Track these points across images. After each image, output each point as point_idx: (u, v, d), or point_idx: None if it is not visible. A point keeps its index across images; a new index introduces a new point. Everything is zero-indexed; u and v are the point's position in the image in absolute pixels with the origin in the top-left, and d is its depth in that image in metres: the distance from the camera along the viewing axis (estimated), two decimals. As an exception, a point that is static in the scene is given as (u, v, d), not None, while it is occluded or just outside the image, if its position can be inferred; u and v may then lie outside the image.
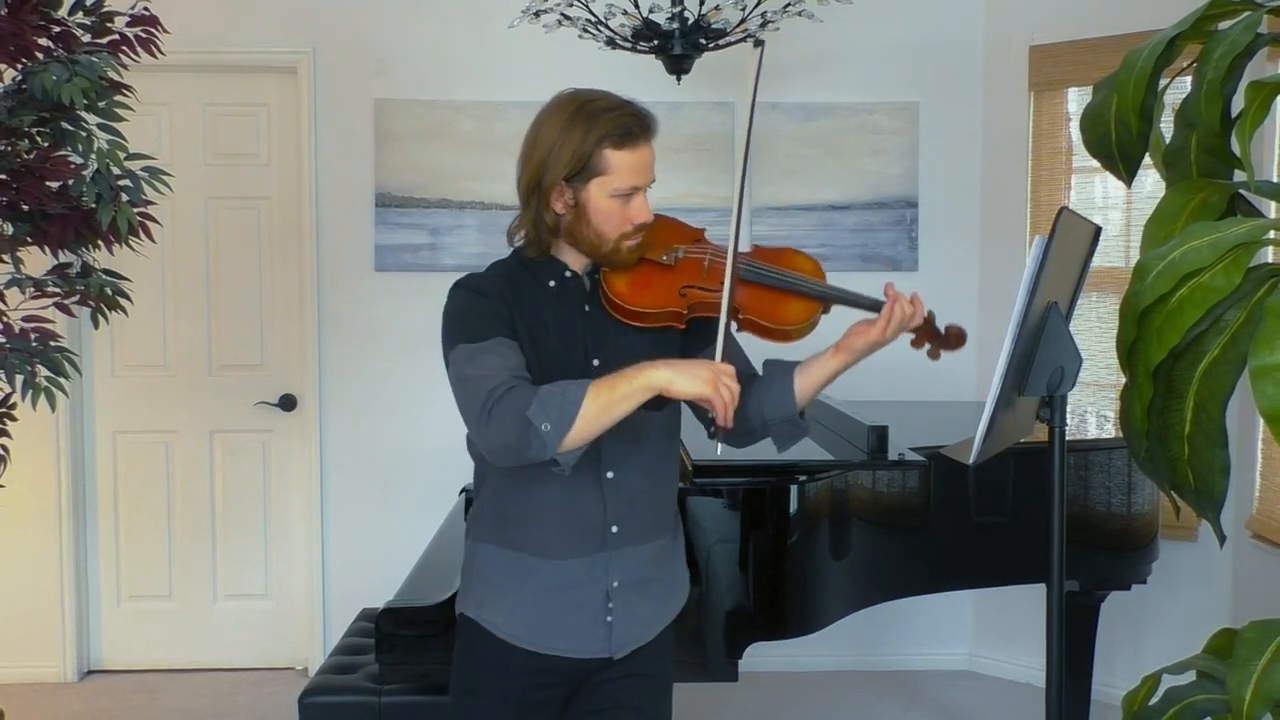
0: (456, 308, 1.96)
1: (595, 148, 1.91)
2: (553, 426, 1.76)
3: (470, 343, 1.89)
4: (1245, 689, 1.85)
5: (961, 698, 4.30)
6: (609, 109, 1.93)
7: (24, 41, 2.95)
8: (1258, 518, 3.71)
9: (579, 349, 1.98)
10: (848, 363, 2.03)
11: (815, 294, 2.02)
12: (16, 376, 2.97)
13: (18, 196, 3.00)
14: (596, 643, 2.02)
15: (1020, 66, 4.36)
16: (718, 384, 1.78)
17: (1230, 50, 2.02)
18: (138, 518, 4.52)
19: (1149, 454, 2.06)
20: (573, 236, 1.96)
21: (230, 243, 4.51)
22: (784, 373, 2.05)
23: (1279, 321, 1.69)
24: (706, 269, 1.99)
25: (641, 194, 1.96)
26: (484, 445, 1.82)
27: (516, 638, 2.01)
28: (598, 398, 1.78)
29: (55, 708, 4.17)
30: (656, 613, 2.09)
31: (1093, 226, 2.19)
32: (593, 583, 2.01)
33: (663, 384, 1.78)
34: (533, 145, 1.97)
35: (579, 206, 1.94)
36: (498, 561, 2.05)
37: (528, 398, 1.78)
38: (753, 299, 1.99)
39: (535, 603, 2.01)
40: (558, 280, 2.00)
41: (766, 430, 2.08)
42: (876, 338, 1.99)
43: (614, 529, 2.00)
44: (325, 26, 4.39)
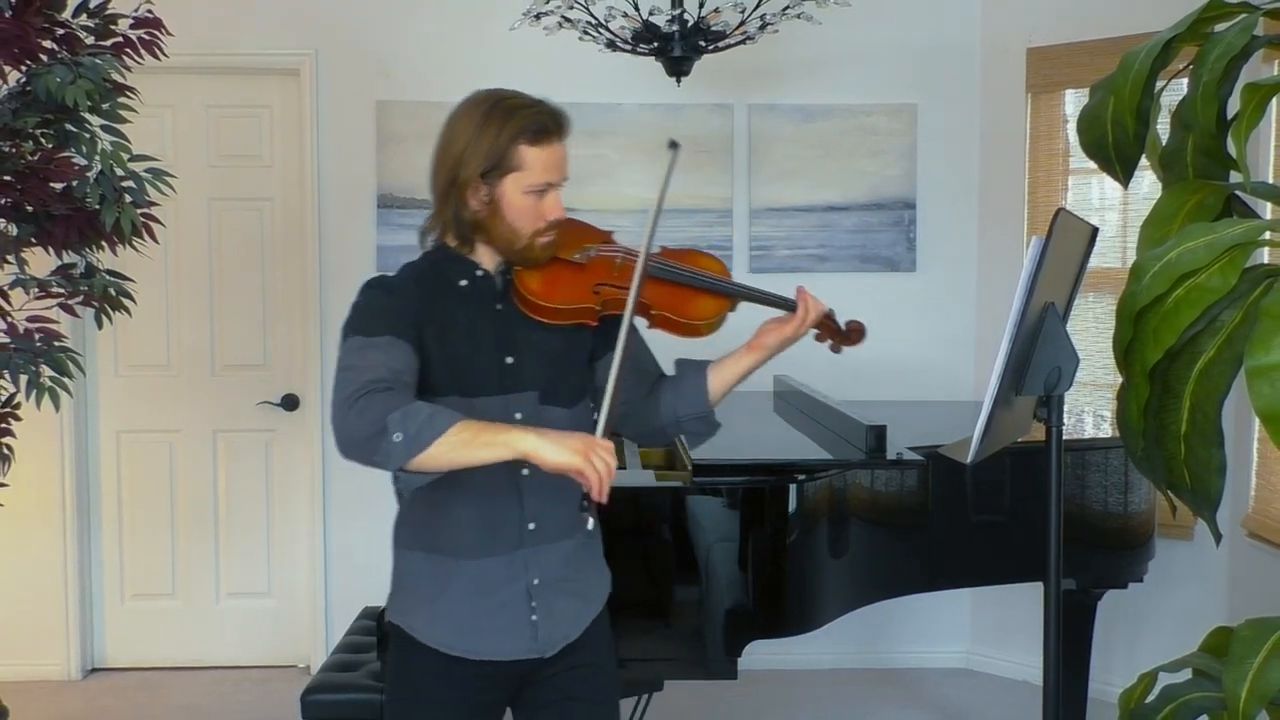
0: (360, 303, 1.95)
1: (510, 144, 1.91)
2: (404, 440, 1.72)
3: (362, 336, 1.88)
4: (1241, 687, 1.85)
5: (959, 695, 4.30)
6: (523, 106, 1.94)
7: (28, 44, 2.95)
8: (1253, 516, 3.71)
9: (490, 348, 1.97)
10: (760, 359, 2.06)
11: (724, 290, 2.06)
12: (21, 376, 2.98)
13: (22, 198, 3.00)
14: (523, 643, 2.00)
15: (1018, 68, 4.36)
16: (589, 456, 1.72)
17: (1226, 52, 2.02)
18: (141, 516, 4.52)
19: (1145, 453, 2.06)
20: (487, 233, 1.96)
21: (233, 243, 4.51)
22: (696, 370, 2.08)
23: (1275, 322, 1.69)
24: (618, 267, 2.02)
25: (555, 191, 1.97)
26: (338, 433, 1.78)
27: (443, 644, 2.00)
28: (460, 434, 1.74)
29: (59, 705, 4.17)
30: (580, 609, 2.07)
31: (1090, 227, 2.19)
32: (512, 581, 1.99)
33: (528, 450, 1.73)
34: (448, 143, 1.96)
35: (494, 203, 1.93)
36: (418, 566, 2.04)
37: (396, 404, 1.75)
38: (664, 296, 2.02)
39: (458, 607, 1.99)
40: (469, 279, 2.00)
41: (679, 427, 2.09)
42: (790, 334, 2.05)
43: (531, 526, 1.99)
44: (327, 29, 4.39)
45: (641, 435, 2.16)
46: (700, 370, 2.07)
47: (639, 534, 2.57)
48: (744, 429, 3.34)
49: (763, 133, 4.46)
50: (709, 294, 2.05)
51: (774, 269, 4.47)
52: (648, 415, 2.08)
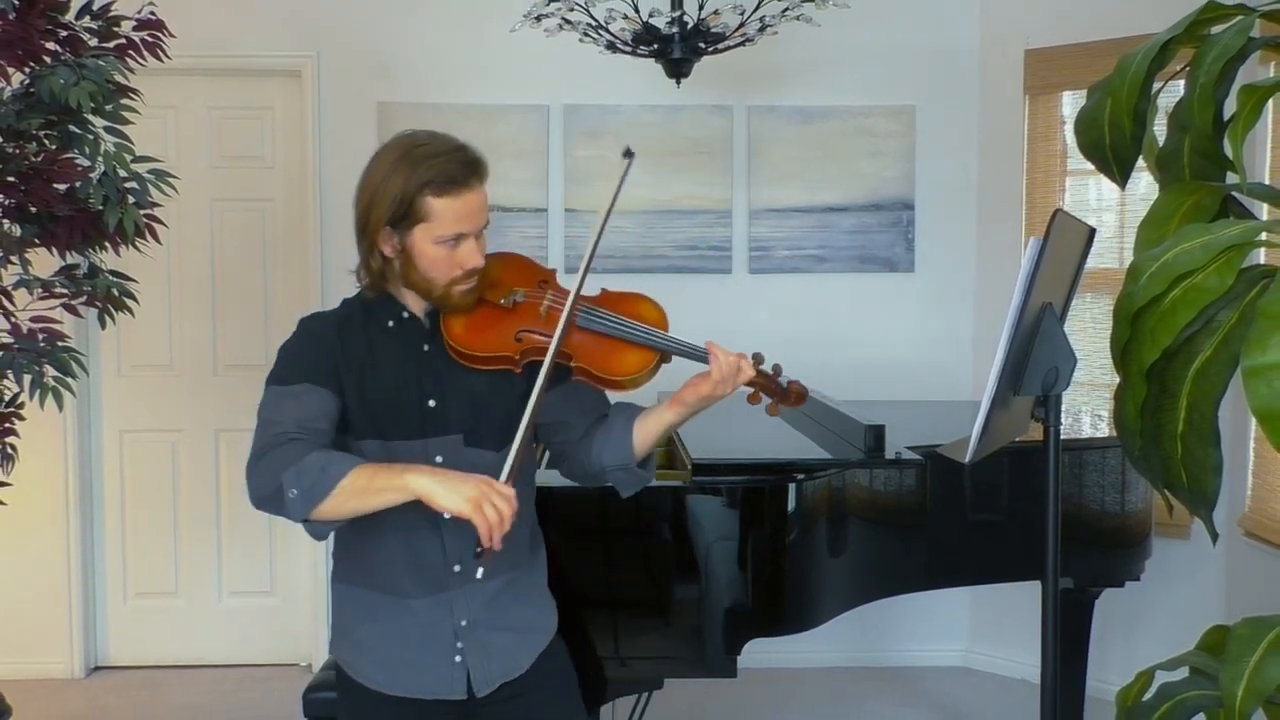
0: (285, 348, 1.95)
1: (416, 194, 1.86)
2: (300, 494, 1.72)
3: (278, 384, 1.89)
4: (1238, 685, 1.85)
5: (957, 694, 4.30)
6: (434, 155, 1.88)
7: (32, 45, 2.96)
8: (1250, 516, 3.71)
9: (413, 390, 1.95)
10: (682, 415, 1.98)
11: (652, 345, 1.96)
12: (24, 376, 2.98)
13: (26, 198, 3.01)
14: (445, 683, 1.97)
15: (1015, 70, 4.36)
16: (481, 505, 1.69)
17: (1223, 54, 2.03)
18: (144, 515, 4.52)
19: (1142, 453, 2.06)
20: (405, 280, 1.93)
21: (235, 244, 4.51)
22: (625, 420, 2.02)
23: (1271, 322, 1.69)
24: (543, 314, 1.94)
25: (470, 239, 1.90)
26: (249, 489, 1.78)
27: (370, 680, 1.99)
28: (356, 481, 1.72)
29: (62, 704, 4.17)
30: (522, 644, 2.04)
31: (1087, 228, 2.19)
32: (437, 622, 1.96)
33: (423, 492, 1.71)
34: (362, 187, 1.92)
35: (406, 252, 1.90)
36: (349, 600, 2.03)
37: (293, 457, 1.74)
38: (588, 347, 1.94)
39: (384, 643, 1.98)
40: (396, 320, 1.98)
41: (605, 475, 2.04)
42: (707, 392, 1.94)
43: (455, 568, 1.96)
44: (329, 31, 4.39)
45: (576, 477, 2.11)
46: (629, 421, 2.01)
47: (639, 533, 2.57)
48: (743, 428, 3.34)
49: (762, 134, 4.46)
50: (637, 347, 1.95)
51: (773, 269, 4.47)
52: (581, 458, 2.05)
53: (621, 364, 1.95)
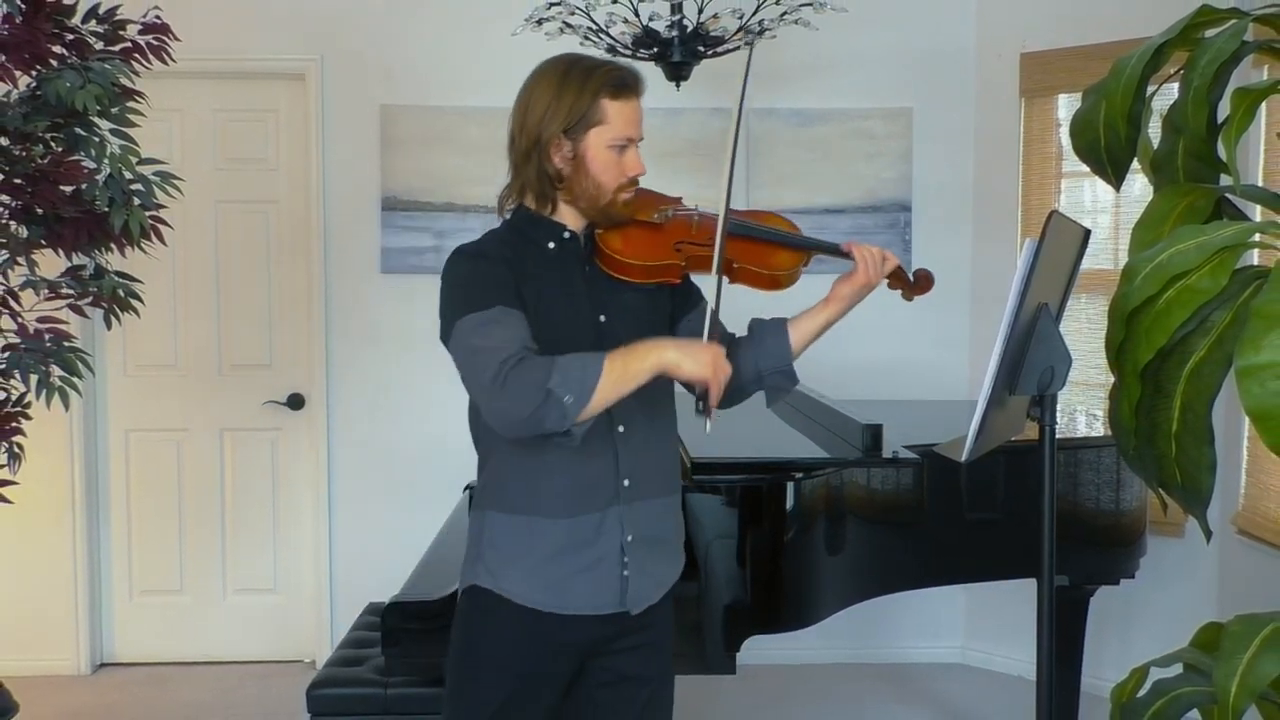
0: (458, 276, 1.94)
1: (592, 99, 1.94)
2: (574, 398, 1.78)
3: (475, 312, 1.87)
4: (1231, 681, 1.85)
5: (954, 690, 4.30)
6: (601, 64, 1.99)
7: (38, 49, 2.96)
8: (1243, 514, 3.71)
9: (585, 307, 2.00)
10: (838, 311, 2.12)
11: (797, 244, 2.12)
12: (31, 376, 2.98)
13: (32, 200, 3.00)
14: (613, 598, 2.00)
15: (1011, 73, 4.36)
16: (717, 368, 1.84)
17: (1216, 57, 2.03)
18: (149, 514, 4.52)
19: (1137, 452, 2.06)
20: (571, 190, 1.98)
21: (239, 245, 4.51)
22: (778, 326, 2.13)
23: (1264, 322, 1.69)
24: (696, 225, 2.06)
25: (634, 147, 2.00)
26: (496, 417, 1.82)
27: (535, 601, 1.98)
28: (612, 372, 1.81)
29: (68, 700, 4.17)
30: (664, 572, 2.09)
31: (1082, 230, 2.19)
32: (607, 538, 1.99)
33: (671, 364, 1.83)
34: (527, 106, 2.00)
35: (578, 158, 1.96)
36: (511, 527, 2.01)
37: (546, 369, 1.79)
38: (743, 251, 2.07)
39: (552, 564, 1.98)
40: (557, 241, 2.01)
41: (760, 382, 2.13)
42: (861, 283, 2.10)
43: (626, 482, 2.00)
44: (332, 35, 4.39)
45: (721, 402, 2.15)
46: (779, 326, 2.12)
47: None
48: (742, 427, 3.34)
49: (761, 136, 4.46)
50: (785, 248, 2.11)
51: (772, 270, 4.47)
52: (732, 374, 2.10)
53: (778, 261, 2.10)
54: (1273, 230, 2.00)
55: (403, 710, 2.81)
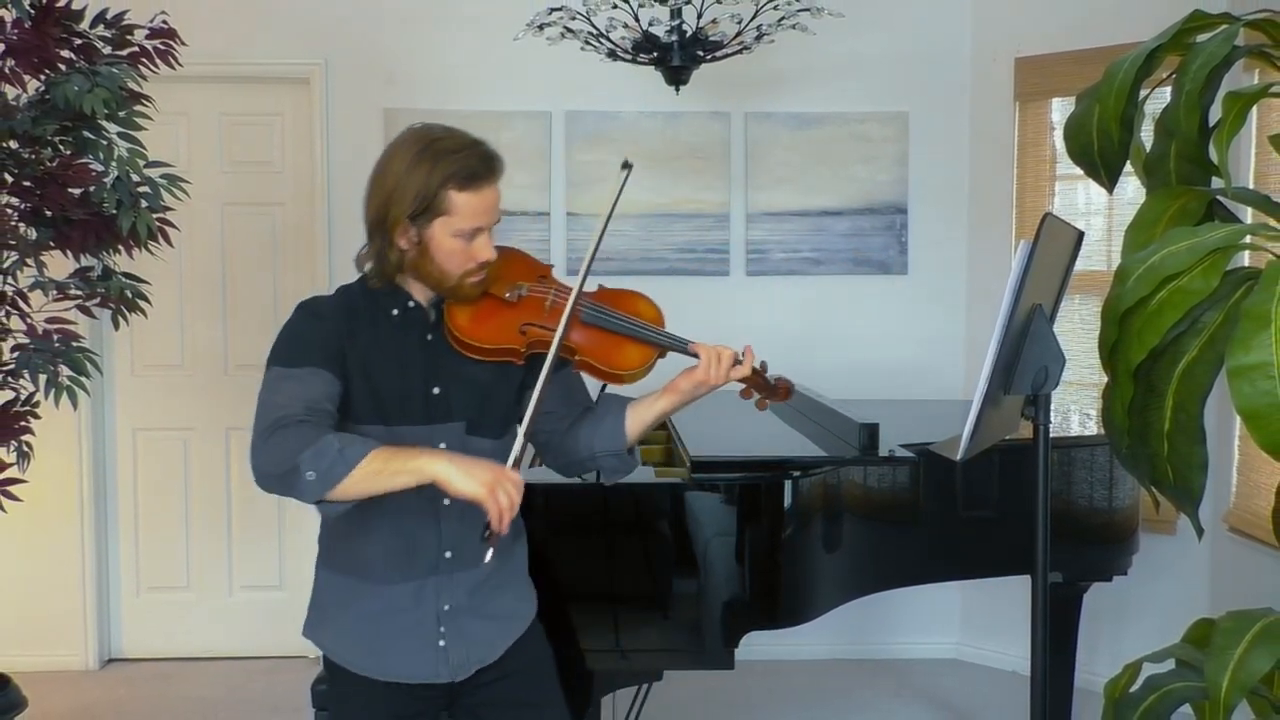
0: (287, 327, 1.93)
1: (439, 188, 1.85)
2: (318, 477, 1.71)
3: (282, 366, 1.86)
4: (1223, 676, 1.85)
5: (949, 685, 4.30)
6: (455, 150, 1.87)
7: (47, 53, 2.96)
8: (1235, 512, 3.71)
9: (418, 376, 1.94)
10: (675, 403, 2.01)
11: (651, 340, 1.98)
12: (40, 376, 2.98)
13: (41, 202, 3.01)
14: (430, 667, 1.98)
15: (1006, 77, 4.36)
16: (495, 490, 1.72)
17: (1208, 62, 2.03)
18: (156, 512, 4.52)
19: (1130, 451, 2.06)
20: (417, 271, 1.92)
21: (245, 247, 4.51)
22: (617, 408, 2.04)
23: (1255, 323, 1.69)
24: (547, 308, 1.96)
25: (485, 233, 1.90)
26: (253, 468, 1.77)
27: (348, 662, 1.99)
28: (372, 463, 1.73)
29: (77, 695, 4.17)
30: (498, 632, 2.04)
31: (1075, 231, 2.19)
32: (420, 606, 1.96)
33: (440, 477, 1.73)
34: (380, 179, 1.90)
35: (423, 244, 1.88)
36: (330, 586, 2.02)
37: (308, 440, 1.73)
38: (590, 341, 1.96)
39: (364, 627, 1.97)
40: (401, 309, 1.96)
41: (595, 462, 2.05)
42: (700, 378, 1.96)
43: (448, 554, 1.97)
44: (337, 39, 4.39)
45: (560, 466, 2.11)
46: (621, 409, 2.03)
47: (639, 529, 2.57)
48: (740, 427, 3.33)
49: (759, 139, 4.46)
50: (636, 342, 1.98)
51: (770, 272, 4.47)
52: (567, 447, 2.05)
53: (624, 358, 1.97)
54: (1264, 232, 2.00)
55: (406, 705, 2.80)
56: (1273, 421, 1.67)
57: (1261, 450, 1.71)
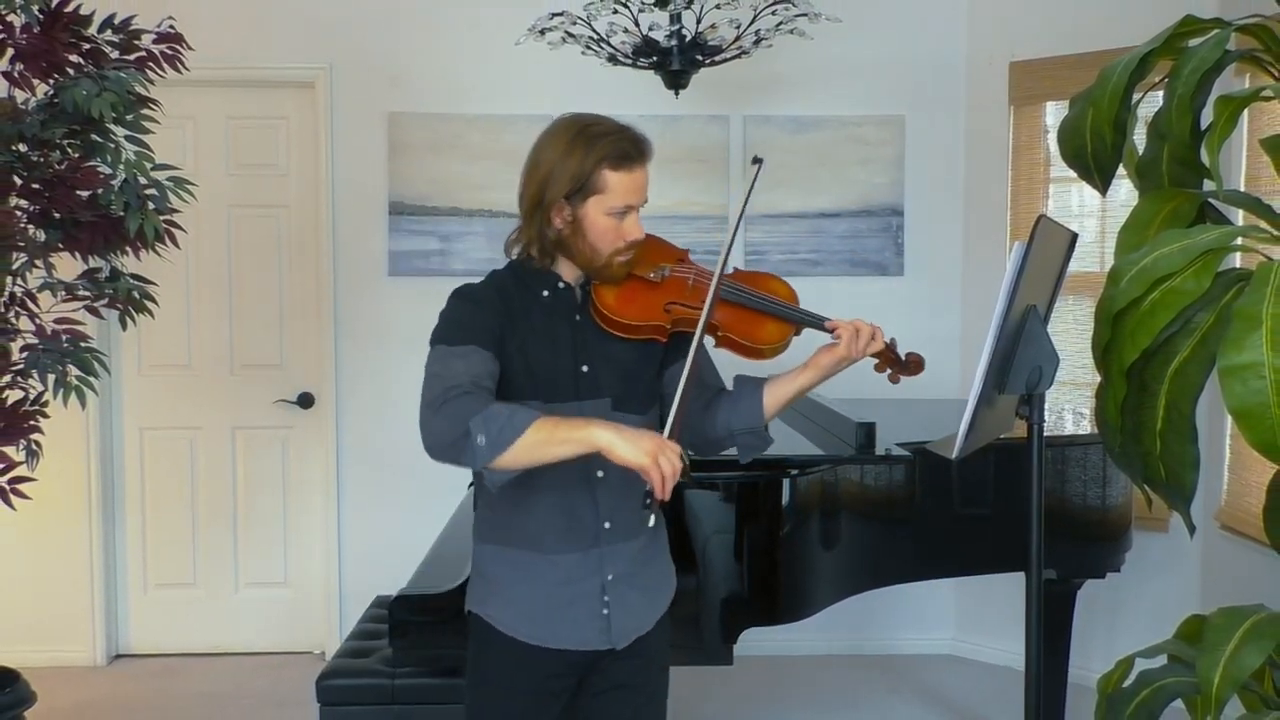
0: (447, 312, 1.97)
1: (594, 168, 1.92)
2: (488, 442, 1.74)
3: (446, 345, 1.90)
4: (1214, 672, 1.86)
5: (945, 680, 4.30)
6: (608, 133, 1.94)
7: (56, 58, 2.96)
8: (1226, 509, 3.71)
9: (568, 355, 1.99)
10: (816, 379, 2.04)
11: (789, 317, 2.04)
12: (49, 375, 2.98)
13: (50, 205, 3.01)
14: (596, 635, 2.02)
15: (1001, 82, 4.36)
16: (657, 458, 1.72)
17: (1200, 66, 2.03)
18: (163, 510, 4.52)
19: (1123, 449, 2.06)
20: (569, 250, 1.98)
21: (251, 248, 4.51)
22: (754, 387, 2.06)
23: (1246, 323, 1.69)
24: (690, 287, 2.01)
25: (634, 212, 1.97)
26: (425, 437, 1.79)
27: (519, 632, 2.01)
28: (539, 432, 1.74)
29: (85, 690, 4.17)
30: (649, 604, 2.08)
31: (1069, 233, 2.19)
32: (588, 577, 2.00)
33: (604, 445, 1.74)
34: (535, 165, 1.98)
35: (576, 222, 1.95)
36: (498, 560, 2.05)
37: (478, 406, 1.77)
38: (732, 318, 2.01)
39: (534, 598, 2.01)
40: (551, 290, 2.01)
41: (732, 440, 2.08)
42: (843, 354, 2.00)
43: (606, 525, 2.00)
44: (341, 44, 4.39)
45: (696, 445, 2.14)
46: (757, 387, 2.06)
47: (639, 526, 2.57)
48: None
49: (757, 143, 4.46)
50: (775, 319, 2.04)
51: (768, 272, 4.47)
52: (704, 427, 2.09)
53: (764, 334, 2.02)
54: (1255, 234, 2.00)
55: (409, 700, 2.81)
56: (1264, 420, 1.67)
57: (1252, 449, 1.71)
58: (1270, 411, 1.66)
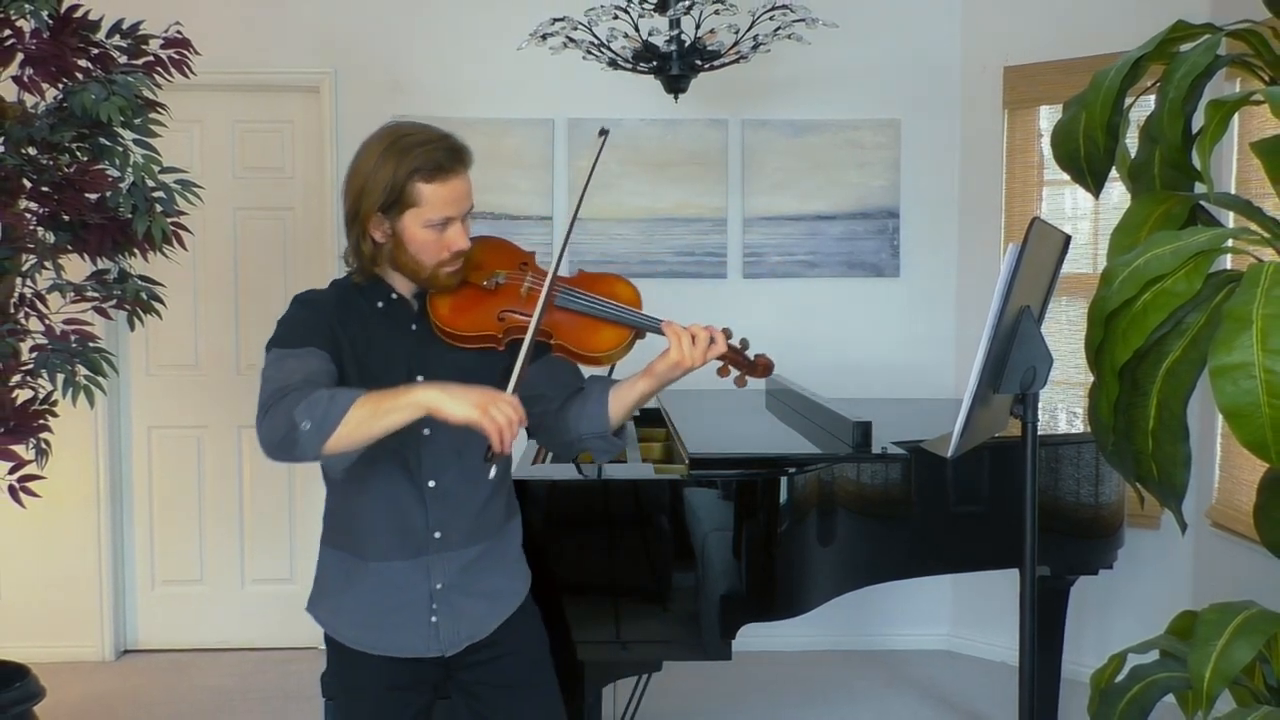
0: (286, 318, 1.96)
1: (406, 181, 1.85)
2: (313, 426, 1.71)
3: (282, 348, 1.88)
4: (1205, 667, 1.86)
5: (940, 676, 4.30)
6: (421, 143, 1.87)
7: (65, 63, 2.96)
8: (1217, 507, 3.71)
9: (402, 366, 1.95)
10: (653, 385, 1.97)
11: (625, 321, 1.96)
12: (58, 375, 2.98)
13: (59, 207, 3.01)
14: (421, 642, 1.99)
15: (995, 86, 4.36)
16: (487, 409, 1.69)
17: (1191, 71, 2.03)
18: (171, 507, 4.52)
19: (1115, 448, 2.06)
20: (394, 263, 1.93)
21: (257, 250, 4.51)
22: (600, 392, 2.01)
23: (1237, 324, 1.69)
24: (524, 294, 1.95)
25: (457, 223, 1.90)
26: (259, 439, 1.78)
27: (345, 638, 2.00)
28: (363, 407, 1.72)
29: (93, 685, 4.17)
30: (489, 610, 2.04)
31: (1063, 235, 2.20)
32: (414, 585, 1.98)
33: (432, 405, 1.71)
34: (352, 176, 1.92)
35: (396, 236, 1.90)
36: (330, 563, 2.04)
37: (300, 398, 1.74)
38: (564, 325, 1.94)
39: (360, 604, 1.99)
40: (385, 301, 1.98)
41: (582, 444, 2.04)
42: (675, 359, 1.92)
43: (436, 534, 1.98)
44: (346, 49, 4.39)
45: (552, 447, 2.11)
46: (603, 392, 2.01)
47: (639, 524, 2.57)
48: (738, 425, 3.34)
49: (755, 146, 4.46)
50: (611, 324, 1.95)
51: (766, 275, 4.47)
52: (557, 428, 2.04)
53: (598, 340, 1.95)
54: (1245, 236, 2.00)
55: (413, 695, 2.80)
56: (1254, 419, 1.67)
57: (1243, 447, 1.71)
58: (1261, 411, 1.66)
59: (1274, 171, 1.94)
